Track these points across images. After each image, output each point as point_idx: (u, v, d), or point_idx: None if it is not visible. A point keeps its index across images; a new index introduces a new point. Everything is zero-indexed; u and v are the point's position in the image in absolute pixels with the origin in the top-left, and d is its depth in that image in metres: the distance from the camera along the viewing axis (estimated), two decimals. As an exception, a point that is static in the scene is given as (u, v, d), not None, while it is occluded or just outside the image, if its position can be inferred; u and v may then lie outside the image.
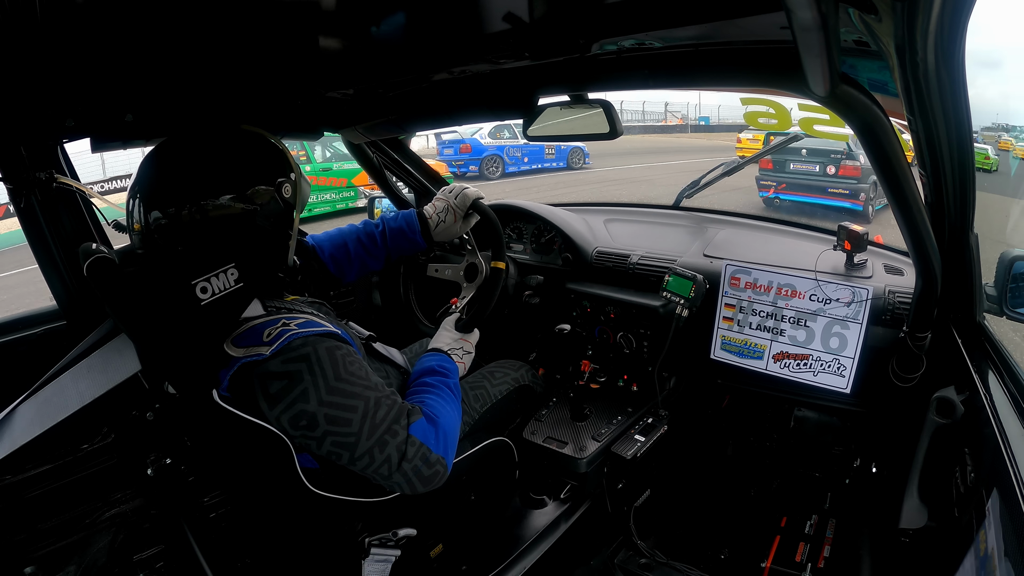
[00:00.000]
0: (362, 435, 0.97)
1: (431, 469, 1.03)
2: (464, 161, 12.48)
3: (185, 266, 0.95)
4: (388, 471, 0.99)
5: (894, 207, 0.99)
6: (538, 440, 1.57)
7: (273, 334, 0.97)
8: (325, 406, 0.96)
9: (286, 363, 0.95)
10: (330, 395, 0.96)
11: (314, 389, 0.95)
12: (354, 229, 1.50)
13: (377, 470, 0.99)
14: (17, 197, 1.30)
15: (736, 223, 1.97)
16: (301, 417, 0.95)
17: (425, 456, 1.02)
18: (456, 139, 12.59)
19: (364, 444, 0.97)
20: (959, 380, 1.14)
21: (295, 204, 1.08)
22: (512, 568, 1.37)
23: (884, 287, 1.41)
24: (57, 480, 1.43)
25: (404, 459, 1.00)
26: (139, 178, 0.98)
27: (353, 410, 0.97)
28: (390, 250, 1.49)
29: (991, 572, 0.74)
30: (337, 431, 0.96)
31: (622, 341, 1.76)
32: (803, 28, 0.55)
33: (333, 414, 0.96)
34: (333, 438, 0.97)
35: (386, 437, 0.99)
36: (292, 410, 0.95)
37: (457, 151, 12.39)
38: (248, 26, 0.80)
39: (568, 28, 0.90)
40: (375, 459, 0.98)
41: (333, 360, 0.98)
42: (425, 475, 1.02)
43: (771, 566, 1.66)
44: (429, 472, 1.02)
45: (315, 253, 1.46)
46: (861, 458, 1.76)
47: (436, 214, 1.48)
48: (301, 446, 1.00)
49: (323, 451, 0.98)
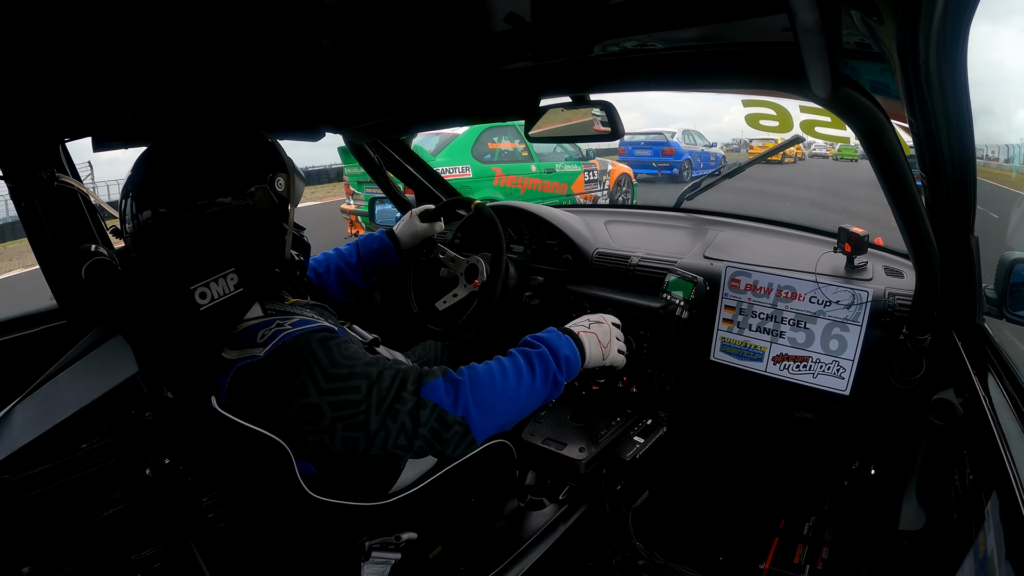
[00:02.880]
0: (371, 410, 0.94)
1: (449, 431, 0.98)
2: (669, 164, 12.87)
3: (183, 271, 0.94)
4: (407, 440, 0.96)
5: (894, 209, 0.99)
6: (537, 441, 1.57)
7: (267, 335, 0.97)
8: (326, 394, 0.93)
9: (279, 361, 0.94)
10: (329, 383, 0.94)
11: (311, 382, 0.93)
12: (335, 250, 1.66)
13: (396, 443, 0.96)
14: (18, 196, 1.30)
15: (737, 225, 1.97)
16: (305, 412, 0.93)
17: (441, 417, 0.98)
18: (656, 140, 13.10)
19: (375, 419, 0.94)
20: (958, 382, 1.14)
21: (289, 198, 1.07)
22: (510, 569, 1.37)
23: (884, 289, 1.41)
24: (55, 480, 1.43)
25: (419, 424, 0.96)
26: (131, 178, 0.97)
27: (356, 390, 0.95)
28: (365, 264, 1.64)
29: (991, 574, 0.74)
30: (345, 415, 0.94)
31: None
32: (805, 30, 0.55)
33: (336, 400, 0.94)
34: (343, 423, 0.94)
35: (396, 406, 0.96)
36: (293, 407, 0.93)
37: (658, 153, 12.88)
38: (249, 26, 0.80)
39: (570, 30, 0.90)
40: (391, 432, 0.95)
41: (327, 349, 0.96)
42: (444, 437, 0.98)
43: (769, 567, 1.66)
44: (448, 435, 0.98)
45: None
46: (860, 460, 1.76)
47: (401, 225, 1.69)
48: (315, 445, 0.98)
49: (338, 442, 0.95)
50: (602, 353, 1.26)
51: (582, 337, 1.23)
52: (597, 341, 1.25)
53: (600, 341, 1.26)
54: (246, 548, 1.51)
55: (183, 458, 1.56)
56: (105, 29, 0.73)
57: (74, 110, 1.09)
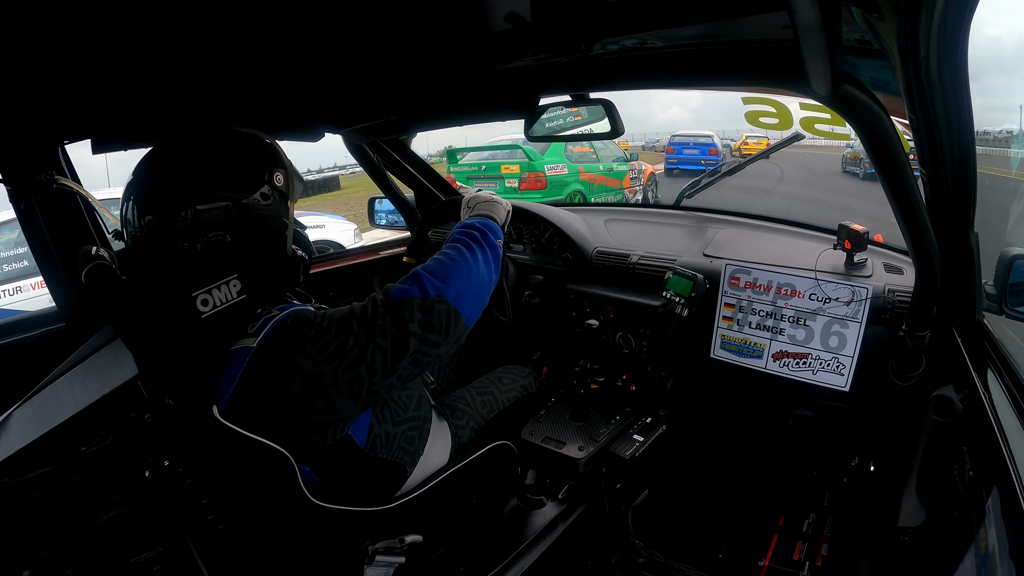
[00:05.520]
0: (360, 341, 0.94)
1: (433, 312, 0.97)
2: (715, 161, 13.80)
3: (185, 277, 0.94)
4: (402, 349, 0.95)
5: (894, 206, 0.99)
6: (536, 440, 1.57)
7: (256, 325, 0.97)
8: (317, 356, 0.93)
9: (267, 353, 0.94)
10: (315, 345, 0.93)
11: (300, 355, 0.93)
12: None
13: (396, 357, 0.95)
14: (17, 198, 1.29)
15: (736, 223, 1.97)
16: (306, 382, 0.93)
17: (420, 305, 0.96)
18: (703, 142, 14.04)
19: (368, 345, 0.94)
20: (958, 378, 1.15)
21: (289, 195, 1.07)
22: (510, 569, 1.36)
23: (884, 286, 1.41)
24: (55, 483, 1.42)
25: (405, 322, 0.95)
26: (132, 183, 0.96)
27: (341, 334, 0.94)
28: None
29: (992, 570, 0.74)
30: (341, 360, 0.93)
31: (621, 341, 1.76)
32: (805, 27, 0.55)
33: (327, 353, 0.93)
34: (341, 369, 0.93)
35: (379, 323, 0.95)
36: (294, 386, 0.93)
37: (705, 152, 13.96)
38: (249, 26, 0.80)
39: (570, 28, 0.90)
40: (385, 349, 0.94)
41: (304, 319, 0.96)
42: (433, 322, 0.97)
43: (769, 564, 1.66)
44: (435, 317, 0.97)
45: None
46: (859, 456, 1.76)
47: None
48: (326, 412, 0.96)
49: (345, 392, 0.95)
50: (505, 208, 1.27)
51: (493, 210, 1.24)
52: (499, 206, 1.26)
53: (499, 202, 1.27)
54: (247, 551, 1.51)
55: (183, 461, 1.55)
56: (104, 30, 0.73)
57: (73, 112, 1.09)
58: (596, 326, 1.72)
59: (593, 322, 1.73)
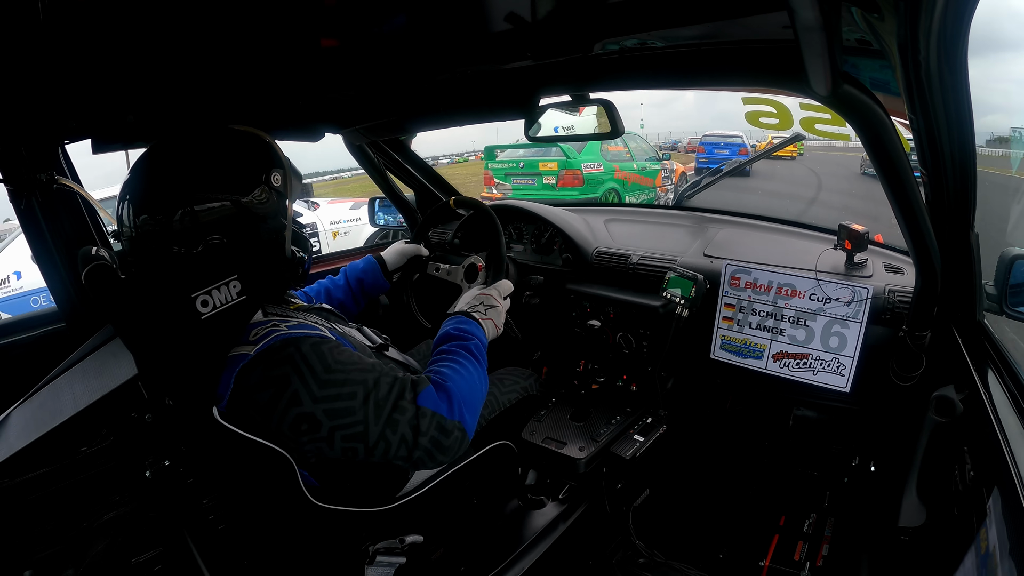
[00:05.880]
0: (369, 420, 0.94)
1: (449, 437, 1.00)
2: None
3: (184, 278, 0.93)
4: (407, 451, 0.97)
5: (894, 206, 0.99)
6: (537, 440, 1.57)
7: (260, 334, 0.96)
8: (321, 402, 0.92)
9: (269, 369, 0.92)
10: (323, 389, 0.93)
11: (304, 389, 0.92)
12: (328, 278, 1.64)
13: (396, 454, 0.97)
14: (18, 198, 1.29)
15: (736, 223, 1.97)
16: (300, 422, 0.92)
17: (440, 425, 0.99)
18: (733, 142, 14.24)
19: (374, 429, 0.95)
20: (958, 379, 1.15)
21: (287, 194, 1.06)
22: (511, 569, 1.37)
23: (884, 286, 1.41)
24: (55, 483, 1.42)
25: (419, 434, 0.97)
26: (128, 183, 0.95)
27: (352, 397, 0.94)
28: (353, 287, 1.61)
29: (993, 570, 0.74)
30: (342, 423, 0.93)
31: (621, 341, 1.76)
32: (805, 27, 0.55)
33: (332, 407, 0.93)
34: (341, 433, 0.94)
35: (395, 416, 0.96)
36: (288, 417, 0.92)
37: (735, 152, 14.01)
38: (250, 26, 0.80)
39: (570, 28, 0.90)
40: (391, 443, 0.96)
41: (319, 354, 0.95)
42: (444, 444, 0.99)
43: (770, 565, 1.66)
44: (448, 441, 1.00)
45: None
46: (860, 457, 1.76)
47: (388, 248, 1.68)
48: (315, 454, 0.97)
49: (337, 450, 0.95)
50: (496, 334, 1.30)
51: (484, 324, 1.26)
52: (494, 326, 1.29)
53: (496, 325, 1.29)
54: (247, 551, 1.51)
55: (183, 461, 1.55)
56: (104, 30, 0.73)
57: (73, 112, 1.09)
58: (597, 326, 1.72)
59: (594, 322, 1.73)
